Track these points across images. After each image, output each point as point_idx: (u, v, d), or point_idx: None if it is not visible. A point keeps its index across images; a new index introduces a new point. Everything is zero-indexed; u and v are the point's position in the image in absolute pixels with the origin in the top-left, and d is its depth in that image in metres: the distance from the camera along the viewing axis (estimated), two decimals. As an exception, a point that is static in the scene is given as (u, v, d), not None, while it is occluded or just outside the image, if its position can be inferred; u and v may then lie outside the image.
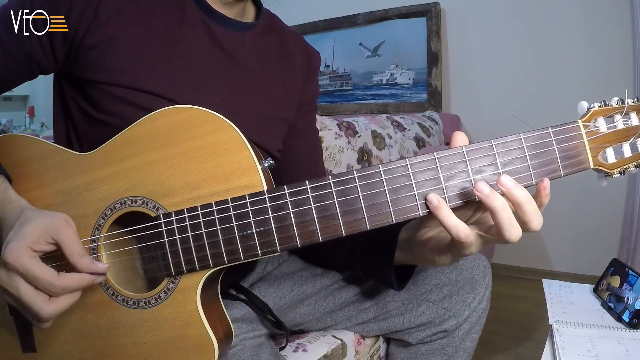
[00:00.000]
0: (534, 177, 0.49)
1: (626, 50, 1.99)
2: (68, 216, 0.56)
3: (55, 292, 0.53)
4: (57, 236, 0.54)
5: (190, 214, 0.55)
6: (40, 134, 3.59)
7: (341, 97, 2.78)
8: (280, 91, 0.76)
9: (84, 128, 0.67)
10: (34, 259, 0.52)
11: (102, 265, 0.56)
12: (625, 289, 0.97)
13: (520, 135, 0.50)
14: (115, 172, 0.59)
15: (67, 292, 0.54)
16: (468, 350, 0.80)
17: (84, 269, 0.54)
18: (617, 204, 2.05)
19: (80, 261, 0.54)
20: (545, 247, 2.29)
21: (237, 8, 0.71)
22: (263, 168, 0.54)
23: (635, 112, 0.52)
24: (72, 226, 0.55)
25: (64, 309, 0.54)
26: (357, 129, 1.54)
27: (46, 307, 0.52)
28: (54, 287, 0.52)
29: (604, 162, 0.51)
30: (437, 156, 0.50)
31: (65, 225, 0.55)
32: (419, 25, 2.46)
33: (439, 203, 0.48)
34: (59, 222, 0.54)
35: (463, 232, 0.49)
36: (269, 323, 0.80)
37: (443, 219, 0.49)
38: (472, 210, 0.54)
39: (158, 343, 0.56)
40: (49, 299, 0.53)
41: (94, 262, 0.55)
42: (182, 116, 0.57)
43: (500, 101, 2.30)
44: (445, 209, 0.49)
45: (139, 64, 0.63)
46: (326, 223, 0.51)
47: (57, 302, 0.53)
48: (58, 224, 0.54)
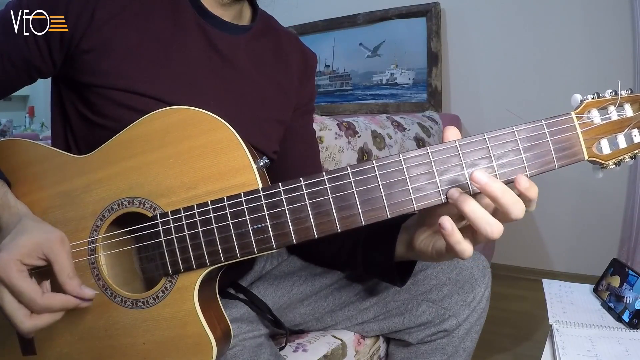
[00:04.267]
0: (528, 169, 0.49)
1: (626, 50, 1.99)
2: (64, 235, 0.56)
3: (36, 309, 0.53)
4: (50, 254, 0.54)
5: (186, 213, 0.55)
6: (40, 134, 3.60)
7: (341, 97, 2.78)
8: (275, 93, 0.76)
9: (82, 131, 0.67)
10: (21, 274, 0.52)
11: (89, 292, 0.55)
12: (625, 289, 0.97)
13: (513, 128, 0.50)
14: (112, 174, 0.59)
15: (49, 312, 0.53)
16: (468, 349, 0.80)
17: (70, 292, 0.54)
18: (617, 204, 2.04)
19: (69, 282, 0.54)
20: (545, 247, 2.28)
21: (233, 10, 0.71)
22: (258, 167, 0.55)
23: (629, 104, 0.52)
24: (66, 246, 0.55)
25: (44, 326, 0.54)
26: (357, 129, 1.54)
27: (26, 322, 0.52)
28: (36, 305, 0.52)
29: (598, 153, 0.51)
30: (431, 150, 0.50)
31: (58, 244, 0.54)
32: (419, 25, 2.46)
33: (453, 229, 0.48)
34: (53, 240, 0.54)
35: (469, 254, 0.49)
36: (268, 323, 0.80)
37: (454, 245, 0.49)
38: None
39: (156, 343, 0.57)
40: (30, 315, 0.53)
41: (82, 286, 0.55)
42: (178, 117, 0.57)
43: (500, 101, 2.30)
44: (458, 235, 0.49)
45: (135, 67, 0.63)
46: (321, 219, 0.51)
47: (38, 319, 0.53)
48: (52, 241, 0.54)
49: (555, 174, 0.58)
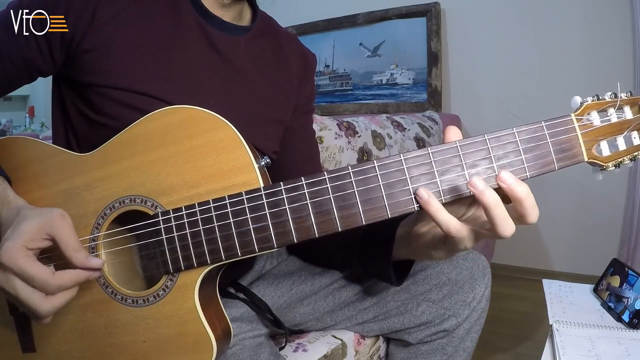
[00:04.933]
0: (528, 170, 0.50)
1: (627, 50, 1.99)
2: (64, 211, 0.56)
3: (51, 290, 0.53)
4: (52, 231, 0.54)
5: (188, 212, 0.55)
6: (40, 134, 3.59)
7: (341, 97, 2.78)
8: (275, 93, 0.76)
9: (83, 130, 0.67)
10: (29, 258, 0.52)
11: (97, 261, 0.56)
12: (625, 289, 0.97)
13: (513, 129, 0.50)
14: (114, 172, 0.59)
15: (63, 290, 0.54)
16: (468, 349, 0.80)
17: (79, 264, 0.54)
18: (617, 204, 2.04)
19: (76, 256, 0.54)
20: (545, 247, 2.28)
21: (234, 10, 0.72)
22: (259, 166, 0.55)
23: (629, 106, 0.52)
24: (67, 221, 0.55)
25: (62, 305, 0.54)
26: (357, 129, 1.54)
27: (43, 304, 0.53)
28: (49, 286, 0.52)
29: (598, 155, 0.51)
30: (431, 151, 0.50)
31: (60, 220, 0.55)
32: (419, 25, 2.46)
33: (429, 198, 0.48)
34: (54, 218, 0.54)
35: (454, 227, 0.49)
36: (268, 322, 0.80)
37: (434, 214, 0.49)
38: (467, 205, 0.54)
39: (156, 341, 0.57)
40: (46, 296, 0.53)
41: (90, 257, 0.55)
42: (180, 116, 0.57)
43: (500, 101, 2.30)
44: (436, 203, 0.48)
45: (136, 66, 0.63)
46: (322, 218, 0.51)
47: (54, 299, 0.54)
48: (53, 220, 0.54)
49: (555, 175, 0.58)
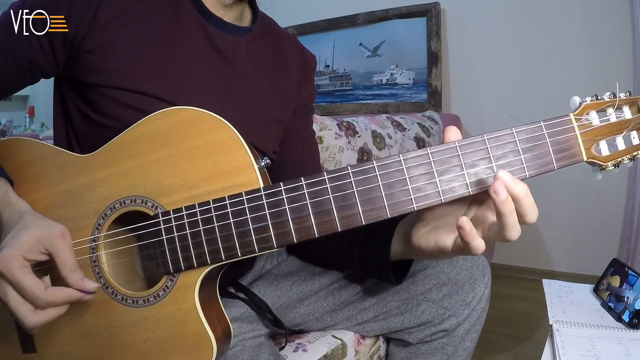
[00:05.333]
0: (527, 170, 0.50)
1: (627, 50, 1.99)
2: (65, 228, 0.56)
3: (40, 305, 0.53)
4: (51, 248, 0.54)
5: (188, 212, 0.55)
6: (40, 134, 3.59)
7: (341, 97, 2.78)
8: (275, 94, 0.77)
9: (84, 130, 0.67)
10: (24, 269, 0.52)
11: (91, 284, 0.55)
12: (625, 289, 0.97)
13: (512, 129, 0.50)
14: (114, 173, 0.59)
15: (53, 306, 0.54)
16: (468, 349, 0.80)
17: (73, 285, 0.54)
18: (617, 204, 2.04)
19: (72, 276, 0.54)
20: (545, 247, 2.28)
21: (235, 11, 0.72)
22: (259, 166, 0.55)
23: (628, 106, 0.52)
24: (67, 239, 0.56)
25: (49, 320, 0.54)
26: (357, 129, 1.54)
27: (30, 317, 0.53)
28: (39, 300, 0.52)
29: (597, 154, 0.51)
30: (431, 151, 0.50)
31: (59, 238, 0.55)
32: (419, 25, 2.46)
33: (471, 230, 0.48)
34: (54, 234, 0.54)
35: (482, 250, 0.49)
36: (268, 322, 0.80)
37: (470, 243, 0.48)
38: (467, 204, 0.54)
39: (157, 341, 0.57)
40: (35, 310, 0.53)
41: (85, 279, 0.55)
42: (180, 117, 0.57)
43: (500, 101, 2.30)
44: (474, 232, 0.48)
45: (137, 67, 0.64)
46: (322, 218, 0.51)
47: (42, 314, 0.53)
48: (53, 236, 0.54)
49: (555, 174, 0.59)
